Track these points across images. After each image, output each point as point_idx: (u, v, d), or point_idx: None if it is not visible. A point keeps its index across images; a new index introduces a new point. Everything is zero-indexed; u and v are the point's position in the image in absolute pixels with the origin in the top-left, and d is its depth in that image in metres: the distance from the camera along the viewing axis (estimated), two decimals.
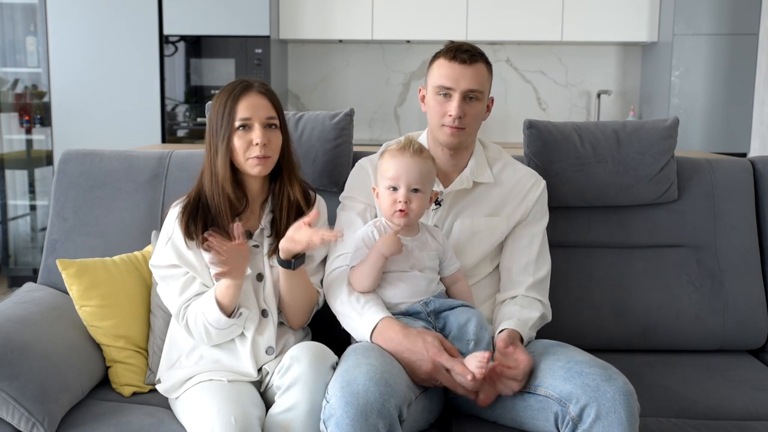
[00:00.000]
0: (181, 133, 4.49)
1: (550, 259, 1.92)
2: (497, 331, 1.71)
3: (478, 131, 1.90)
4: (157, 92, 4.41)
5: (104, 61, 4.38)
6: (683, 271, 2.15)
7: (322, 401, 1.49)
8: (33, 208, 4.86)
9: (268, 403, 1.63)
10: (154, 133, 4.43)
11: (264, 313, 1.76)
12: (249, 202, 1.80)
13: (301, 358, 1.56)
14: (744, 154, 4.06)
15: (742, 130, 4.22)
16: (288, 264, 1.69)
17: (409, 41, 4.80)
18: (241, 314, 1.70)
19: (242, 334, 1.73)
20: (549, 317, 1.87)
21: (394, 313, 1.71)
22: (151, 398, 1.80)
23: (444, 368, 1.60)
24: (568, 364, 1.56)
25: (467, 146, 1.90)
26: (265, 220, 1.82)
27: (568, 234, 2.16)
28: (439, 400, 1.73)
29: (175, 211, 1.78)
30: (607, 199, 2.15)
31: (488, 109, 1.89)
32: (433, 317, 1.71)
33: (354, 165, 2.00)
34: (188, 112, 4.48)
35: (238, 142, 1.73)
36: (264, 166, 1.75)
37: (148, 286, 1.93)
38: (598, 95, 4.82)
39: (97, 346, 1.86)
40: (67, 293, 1.89)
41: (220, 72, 4.44)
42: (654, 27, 4.53)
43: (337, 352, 1.64)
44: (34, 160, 4.82)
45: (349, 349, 1.64)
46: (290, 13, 4.62)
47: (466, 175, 1.89)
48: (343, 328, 1.75)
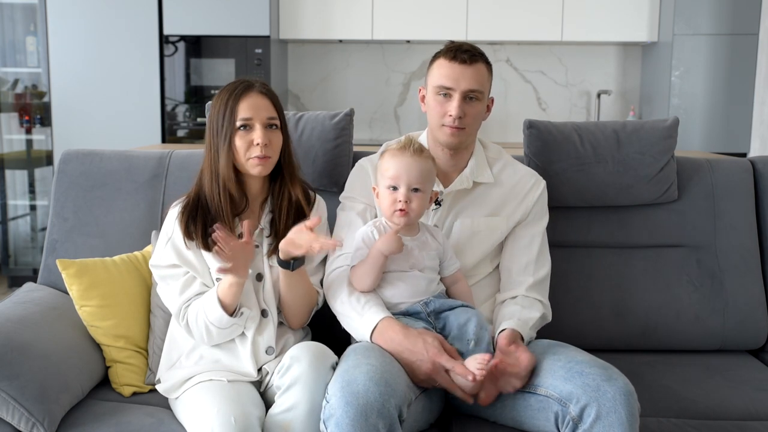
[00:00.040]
0: (181, 133, 4.49)
1: (550, 260, 1.92)
2: (498, 331, 1.71)
3: (478, 131, 1.90)
4: (157, 92, 4.41)
5: (104, 61, 4.38)
6: (683, 271, 2.15)
7: (322, 401, 1.49)
8: (33, 208, 4.86)
9: (268, 403, 1.63)
10: (154, 133, 4.43)
11: (264, 313, 1.76)
12: (249, 202, 1.81)
13: (301, 358, 1.56)
14: (744, 154, 4.06)
15: (742, 130, 4.22)
16: (287, 265, 1.69)
17: (409, 41, 4.80)
18: (243, 313, 1.70)
19: (243, 333, 1.73)
20: (549, 317, 1.87)
21: (394, 313, 1.70)
22: (151, 398, 1.80)
23: (443, 369, 1.60)
24: (569, 364, 1.56)
25: (467, 146, 1.90)
26: (265, 220, 1.82)
27: (568, 234, 2.16)
28: (439, 400, 1.73)
29: (174, 211, 1.79)
30: (607, 199, 2.15)
31: (488, 109, 1.89)
32: (433, 317, 1.71)
33: (354, 165, 2.00)
34: (188, 112, 4.48)
35: (239, 142, 1.73)
36: (264, 167, 1.75)
37: (148, 286, 1.93)
38: (598, 95, 4.82)
39: (97, 346, 1.86)
40: (67, 293, 1.89)
41: (220, 72, 4.44)
42: (654, 27, 4.53)
43: (337, 352, 1.64)
44: (34, 160, 4.82)
45: (349, 349, 1.64)
46: (290, 13, 4.62)
47: (466, 175, 1.89)
48: (343, 328, 1.75)
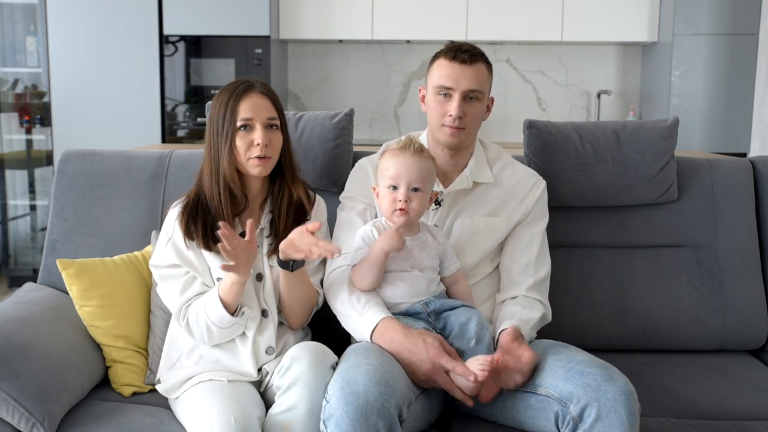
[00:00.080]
0: (181, 133, 4.49)
1: (549, 260, 1.92)
2: (498, 331, 1.71)
3: (478, 131, 1.90)
4: (157, 92, 4.41)
5: (104, 61, 4.38)
6: (683, 271, 2.15)
7: (322, 401, 1.49)
8: (33, 208, 4.86)
9: (268, 403, 1.63)
10: (154, 133, 4.43)
11: (264, 313, 1.76)
12: (249, 202, 1.81)
13: (301, 358, 1.56)
14: (744, 154, 4.06)
15: (742, 130, 4.22)
16: (286, 265, 1.69)
17: (409, 41, 4.80)
18: (244, 313, 1.70)
19: (243, 333, 1.73)
20: (549, 318, 1.87)
21: (395, 313, 1.70)
22: (151, 398, 1.80)
23: (444, 370, 1.60)
24: (569, 364, 1.56)
25: (467, 146, 1.90)
26: (265, 220, 1.82)
27: (568, 234, 2.16)
28: (439, 400, 1.73)
29: (174, 212, 1.78)
30: (607, 199, 2.15)
31: (488, 109, 1.89)
32: (434, 317, 1.71)
33: (354, 165, 2.00)
34: (188, 112, 4.48)
35: (239, 142, 1.73)
36: (264, 167, 1.75)
37: (148, 286, 1.93)
38: (598, 95, 4.82)
39: (97, 346, 1.86)
40: (67, 293, 1.89)
41: (220, 72, 4.44)
42: (654, 27, 4.53)
43: (337, 352, 1.64)
44: (34, 160, 4.82)
45: (349, 349, 1.64)
46: (290, 13, 4.62)
47: (466, 175, 1.89)
48: (343, 328, 1.75)
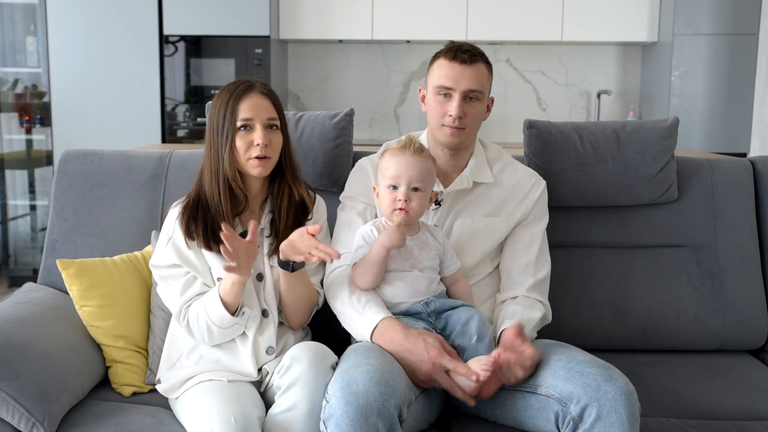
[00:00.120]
0: (181, 133, 4.49)
1: (550, 260, 1.92)
2: (499, 330, 1.71)
3: (478, 131, 1.90)
4: (157, 92, 4.41)
5: (104, 61, 4.38)
6: (683, 271, 2.15)
7: (322, 401, 1.49)
8: (33, 208, 4.86)
9: (268, 403, 1.63)
10: (154, 133, 4.43)
11: (264, 313, 1.76)
12: (249, 202, 1.81)
13: (301, 358, 1.56)
14: (744, 154, 4.06)
15: (742, 130, 4.22)
16: (287, 266, 1.69)
17: (409, 41, 4.80)
18: (244, 313, 1.70)
19: (244, 333, 1.73)
20: (549, 318, 1.87)
21: (395, 313, 1.70)
22: (151, 398, 1.80)
23: (444, 370, 1.60)
24: (569, 364, 1.56)
25: (467, 146, 1.90)
26: (265, 220, 1.82)
27: (568, 234, 2.16)
28: (439, 400, 1.73)
29: (175, 212, 1.78)
30: (607, 199, 2.15)
31: (488, 109, 1.89)
32: (434, 317, 1.71)
33: (354, 165, 2.00)
34: (188, 112, 4.48)
35: (239, 142, 1.73)
36: (264, 167, 1.75)
37: (148, 286, 1.93)
38: (598, 95, 4.82)
39: (97, 346, 1.86)
40: (67, 293, 1.89)
41: (220, 72, 4.44)
42: (654, 27, 4.53)
43: (337, 352, 1.64)
44: (34, 160, 4.82)
45: (349, 349, 1.64)
46: (290, 13, 4.62)
47: (466, 175, 1.89)
48: (343, 328, 1.75)
